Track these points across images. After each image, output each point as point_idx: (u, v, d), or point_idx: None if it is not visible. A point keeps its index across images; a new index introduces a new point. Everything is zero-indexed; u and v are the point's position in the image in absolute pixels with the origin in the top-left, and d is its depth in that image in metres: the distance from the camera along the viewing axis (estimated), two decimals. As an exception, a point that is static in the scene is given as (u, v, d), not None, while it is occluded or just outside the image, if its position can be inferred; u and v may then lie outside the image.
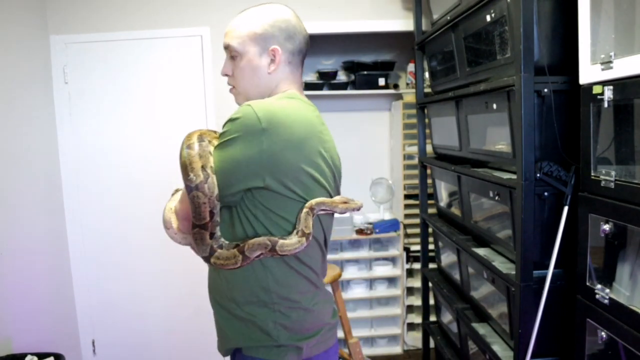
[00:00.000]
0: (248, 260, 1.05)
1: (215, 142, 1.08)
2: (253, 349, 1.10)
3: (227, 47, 1.19)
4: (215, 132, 1.13)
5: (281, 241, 1.05)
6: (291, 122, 1.05)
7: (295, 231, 1.07)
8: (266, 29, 1.15)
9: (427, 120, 2.66)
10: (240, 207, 1.08)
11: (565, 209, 1.51)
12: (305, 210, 1.08)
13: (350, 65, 3.29)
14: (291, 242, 1.05)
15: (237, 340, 1.12)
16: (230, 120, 1.04)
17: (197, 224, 1.05)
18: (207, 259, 1.09)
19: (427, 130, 2.68)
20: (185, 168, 1.04)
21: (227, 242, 1.09)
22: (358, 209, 1.16)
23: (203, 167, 1.03)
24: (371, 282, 3.24)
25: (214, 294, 1.17)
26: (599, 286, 1.32)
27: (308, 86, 3.20)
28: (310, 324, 1.14)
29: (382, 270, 3.20)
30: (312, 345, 1.15)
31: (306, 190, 1.08)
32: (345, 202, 1.14)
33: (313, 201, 1.08)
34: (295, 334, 1.11)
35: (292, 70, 1.20)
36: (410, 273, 3.27)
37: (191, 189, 1.03)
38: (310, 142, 1.08)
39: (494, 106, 1.74)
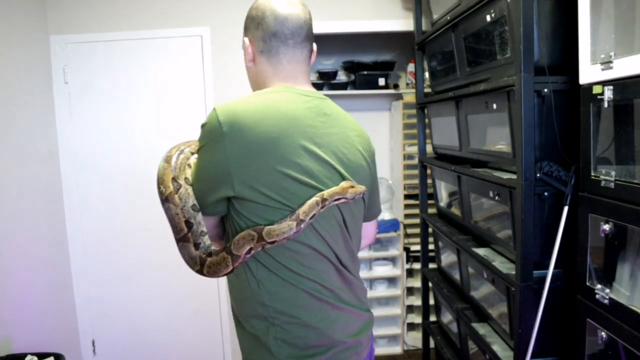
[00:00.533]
0: (239, 260, 0.98)
1: None
2: None
3: None
4: None
5: (268, 227, 0.96)
6: (259, 121, 0.96)
7: (289, 215, 0.97)
8: (244, 23, 1.12)
9: (427, 120, 2.66)
10: (228, 217, 1.03)
11: (565, 209, 1.51)
12: (315, 198, 0.98)
13: (350, 65, 3.29)
14: (279, 227, 0.96)
15: (247, 354, 1.09)
16: (201, 126, 1.01)
17: (178, 238, 1.02)
18: (200, 272, 1.03)
19: (427, 130, 2.67)
20: (157, 181, 1.02)
21: (216, 249, 1.04)
22: (363, 194, 1.06)
23: (174, 179, 1.00)
24: (371, 282, 3.24)
25: (232, 306, 1.14)
26: (599, 286, 1.32)
27: (308, 86, 3.20)
28: (315, 341, 1.03)
29: (382, 270, 3.20)
30: None
31: (287, 194, 0.97)
32: (352, 187, 1.03)
33: (325, 192, 0.99)
34: (297, 351, 1.03)
35: (270, 59, 1.09)
36: (410, 273, 3.27)
37: (162, 202, 1.01)
38: (287, 139, 0.97)
39: (494, 106, 1.74)
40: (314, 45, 1.15)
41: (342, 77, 3.37)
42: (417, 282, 3.20)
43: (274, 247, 1.00)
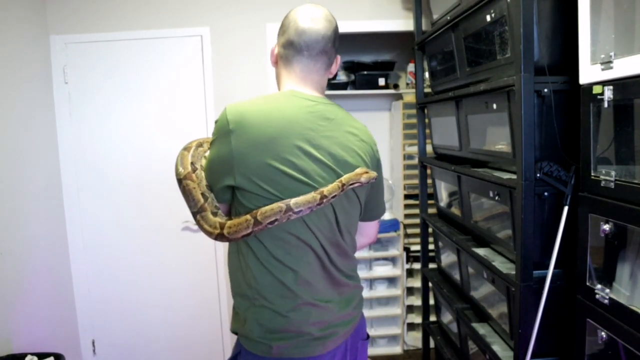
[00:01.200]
0: (260, 226, 1.06)
1: None
2: (239, 336, 1.19)
3: None
4: None
5: (294, 200, 1.07)
6: (261, 121, 1.07)
7: (314, 190, 1.09)
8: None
9: (427, 120, 2.66)
10: (233, 205, 1.15)
11: (565, 209, 1.51)
12: (336, 182, 1.10)
13: (350, 65, 3.29)
14: (305, 198, 1.07)
15: (232, 322, 1.23)
16: (214, 122, 1.14)
17: (195, 210, 1.11)
18: (221, 235, 1.10)
19: (427, 130, 2.68)
20: (176, 164, 1.14)
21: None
22: (375, 179, 1.16)
23: (192, 163, 1.13)
24: (371, 282, 3.24)
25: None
26: (599, 286, 1.32)
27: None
28: (284, 327, 1.13)
29: (382, 270, 3.20)
30: (285, 347, 1.13)
31: (281, 188, 1.08)
32: (366, 172, 1.14)
33: (344, 177, 1.11)
34: (267, 333, 1.13)
35: (286, 64, 1.21)
36: (410, 273, 3.27)
37: (180, 181, 1.12)
38: (284, 140, 1.08)
39: (494, 106, 1.74)
40: (338, 58, 1.26)
41: (342, 77, 3.37)
42: (417, 282, 3.20)
43: (266, 234, 1.10)
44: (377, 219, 1.35)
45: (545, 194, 1.57)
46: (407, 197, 3.19)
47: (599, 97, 1.27)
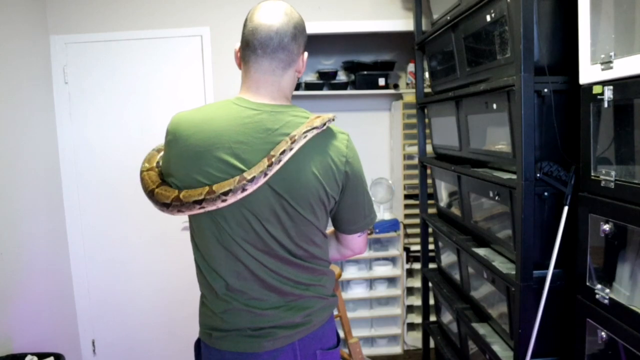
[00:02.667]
0: (213, 195, 1.04)
1: None
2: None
3: None
4: None
5: (215, 185, 1.05)
6: (191, 134, 1.07)
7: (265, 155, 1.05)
8: None
9: (427, 120, 2.66)
10: None
11: (565, 209, 1.51)
12: (284, 139, 1.05)
13: (350, 65, 3.29)
14: (227, 182, 1.04)
15: None
16: None
17: (154, 187, 1.14)
18: (177, 199, 1.08)
19: (427, 130, 2.68)
20: (144, 160, 1.23)
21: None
22: (333, 119, 1.12)
23: (157, 162, 1.21)
24: (371, 282, 3.24)
25: None
26: (599, 286, 1.32)
27: (308, 86, 3.20)
28: (217, 325, 1.16)
29: (382, 270, 3.20)
30: (219, 339, 1.15)
31: None
32: (317, 117, 1.09)
33: (273, 151, 1.05)
34: (205, 328, 1.20)
35: (244, 66, 1.15)
36: (410, 273, 3.27)
37: (142, 172, 1.20)
38: (209, 153, 1.06)
39: (494, 106, 1.74)
40: (304, 55, 1.17)
41: (342, 77, 3.37)
42: (417, 282, 3.20)
43: (200, 242, 1.14)
44: (358, 233, 1.26)
45: (545, 194, 1.57)
46: (407, 197, 3.19)
47: (599, 97, 1.27)
